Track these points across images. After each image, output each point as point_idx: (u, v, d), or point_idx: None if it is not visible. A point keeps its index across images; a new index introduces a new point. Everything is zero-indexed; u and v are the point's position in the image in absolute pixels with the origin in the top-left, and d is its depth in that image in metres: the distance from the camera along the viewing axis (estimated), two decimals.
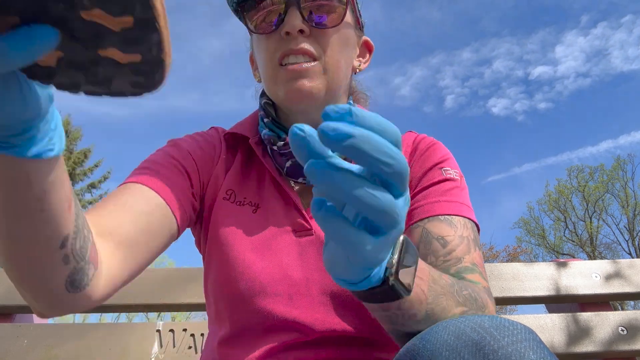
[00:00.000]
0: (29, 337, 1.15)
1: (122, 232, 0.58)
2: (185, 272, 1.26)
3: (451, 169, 0.74)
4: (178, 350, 1.16)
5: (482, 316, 0.43)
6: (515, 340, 0.39)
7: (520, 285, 1.26)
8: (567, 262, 1.32)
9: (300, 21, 0.67)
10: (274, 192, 0.75)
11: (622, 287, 1.26)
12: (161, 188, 0.65)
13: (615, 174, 20.64)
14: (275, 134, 0.74)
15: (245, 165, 0.79)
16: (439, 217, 0.67)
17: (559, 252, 20.82)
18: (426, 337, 0.43)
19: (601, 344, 1.16)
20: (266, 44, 0.70)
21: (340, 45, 0.72)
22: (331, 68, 0.70)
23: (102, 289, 0.54)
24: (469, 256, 0.63)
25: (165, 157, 0.71)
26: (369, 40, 0.84)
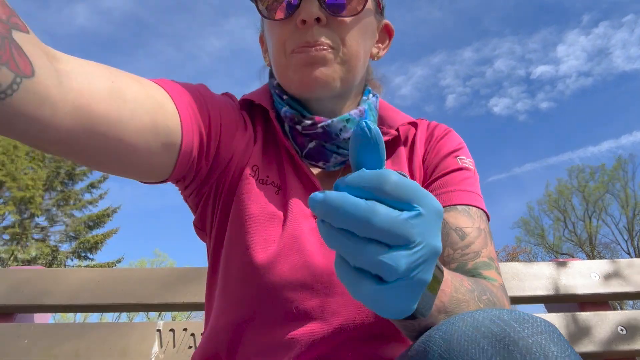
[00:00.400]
0: (29, 337, 1.15)
1: (91, 88, 0.45)
2: (185, 271, 1.26)
3: (466, 158, 0.73)
4: (178, 350, 1.16)
5: (501, 309, 0.42)
6: (535, 332, 0.38)
7: (520, 284, 1.26)
8: (567, 261, 1.32)
9: (318, 8, 0.62)
10: (293, 174, 0.70)
11: (621, 286, 1.26)
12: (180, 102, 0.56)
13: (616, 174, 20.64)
14: (297, 112, 0.69)
15: (265, 138, 0.73)
16: (456, 207, 0.66)
17: (558, 252, 20.82)
18: (442, 328, 0.42)
19: (600, 344, 1.17)
20: (280, 32, 0.65)
21: (360, 34, 0.67)
22: (349, 60, 0.66)
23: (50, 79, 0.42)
24: (485, 250, 0.63)
25: (193, 89, 0.62)
26: (389, 24, 0.78)
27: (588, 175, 21.24)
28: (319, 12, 0.62)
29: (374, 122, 0.72)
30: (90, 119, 0.45)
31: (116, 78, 0.49)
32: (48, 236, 16.50)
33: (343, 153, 0.69)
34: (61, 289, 1.21)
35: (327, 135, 0.67)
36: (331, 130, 0.67)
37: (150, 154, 0.53)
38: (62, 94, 0.43)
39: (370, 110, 0.72)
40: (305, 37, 0.63)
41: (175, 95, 0.56)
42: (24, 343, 1.14)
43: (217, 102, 0.65)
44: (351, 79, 0.68)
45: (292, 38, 0.64)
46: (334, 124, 0.67)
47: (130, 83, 0.51)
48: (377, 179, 0.32)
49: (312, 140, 0.69)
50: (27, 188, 15.78)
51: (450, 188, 0.68)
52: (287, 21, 0.65)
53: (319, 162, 0.70)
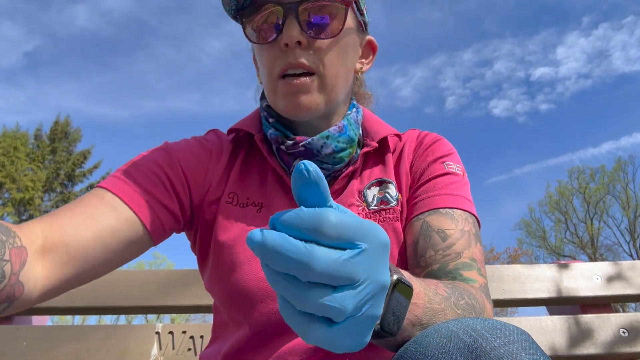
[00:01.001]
0: (27, 339, 1.15)
1: (79, 246, 0.59)
2: (184, 274, 1.25)
3: (453, 164, 0.75)
4: (177, 353, 1.16)
5: (475, 318, 0.43)
6: (507, 341, 0.39)
7: (521, 287, 1.26)
8: (568, 264, 1.32)
9: (298, 32, 0.66)
10: (279, 189, 0.74)
11: (624, 289, 1.26)
12: (134, 200, 0.65)
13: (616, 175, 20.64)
14: (281, 133, 0.73)
15: (246, 164, 0.77)
16: (439, 211, 0.67)
17: (559, 254, 20.82)
18: (419, 341, 0.43)
19: (602, 346, 1.16)
20: (266, 55, 0.69)
21: (340, 54, 0.70)
22: (329, 82, 0.69)
23: (37, 293, 0.56)
24: (468, 251, 0.64)
25: (149, 163, 0.70)
26: (372, 40, 0.82)
27: (588, 176, 21.26)
28: (300, 36, 0.66)
29: (355, 135, 0.75)
30: (83, 269, 0.61)
31: (91, 223, 0.61)
32: None
33: (327, 167, 0.73)
34: None
35: (309, 152, 0.71)
36: (312, 148, 0.70)
37: (129, 259, 0.66)
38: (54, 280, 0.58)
39: (349, 125, 0.75)
40: (288, 58, 0.67)
41: (133, 202, 0.65)
42: (22, 345, 1.14)
43: (175, 161, 0.72)
44: (333, 99, 0.72)
45: (277, 61, 0.68)
46: (314, 142, 0.70)
47: (102, 218, 0.62)
48: (314, 220, 0.31)
49: (296, 158, 0.72)
50: (27, 189, 15.79)
51: (435, 192, 0.70)
52: (273, 44, 0.68)
53: None
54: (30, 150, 17.11)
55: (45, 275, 0.56)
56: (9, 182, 15.65)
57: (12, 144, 16.28)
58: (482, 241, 0.69)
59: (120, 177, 0.67)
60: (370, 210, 0.72)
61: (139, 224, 0.64)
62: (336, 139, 0.71)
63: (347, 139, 0.72)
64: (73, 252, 0.58)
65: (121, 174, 0.67)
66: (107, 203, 0.63)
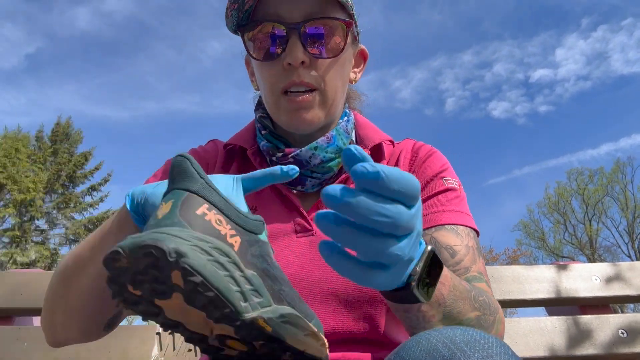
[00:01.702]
0: (28, 340, 1.15)
1: None
2: None
3: (451, 179, 0.77)
4: (178, 353, 1.16)
5: (455, 329, 0.43)
6: (486, 355, 0.39)
7: (521, 287, 1.26)
8: (567, 264, 1.32)
9: (302, 52, 0.68)
10: (273, 196, 0.76)
11: (622, 289, 1.26)
12: None
13: (614, 176, 20.65)
14: (273, 145, 0.76)
15: (241, 172, 0.79)
16: (445, 227, 0.70)
17: (558, 255, 20.81)
18: (400, 353, 0.44)
19: (601, 347, 1.16)
20: (268, 72, 0.72)
21: (339, 70, 0.74)
22: (330, 97, 0.73)
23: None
24: (475, 266, 0.68)
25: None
26: (364, 49, 0.84)
27: (587, 178, 21.27)
28: (304, 57, 0.68)
29: (344, 144, 0.77)
30: None
31: None
32: (48, 239, 16.50)
33: (317, 176, 0.75)
34: None
35: (299, 163, 0.73)
36: (301, 159, 0.73)
37: None
38: None
39: (338, 135, 0.77)
40: (292, 77, 0.69)
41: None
42: (23, 346, 1.14)
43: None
44: (333, 112, 0.75)
45: (279, 78, 0.70)
46: (303, 154, 0.73)
47: None
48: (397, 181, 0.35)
49: None
50: (28, 191, 15.79)
51: (438, 209, 0.73)
52: (275, 62, 0.70)
53: (297, 186, 0.76)
54: (32, 152, 17.10)
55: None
56: (10, 184, 15.65)
57: (13, 146, 16.28)
58: (483, 254, 0.73)
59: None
60: None
61: None
62: (324, 149, 0.74)
63: (336, 149, 0.75)
64: None
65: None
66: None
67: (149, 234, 0.38)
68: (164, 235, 0.37)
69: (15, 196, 15.60)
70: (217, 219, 0.43)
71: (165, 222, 0.41)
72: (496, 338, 0.42)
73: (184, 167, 0.45)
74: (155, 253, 0.36)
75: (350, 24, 0.72)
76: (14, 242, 15.61)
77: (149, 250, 0.36)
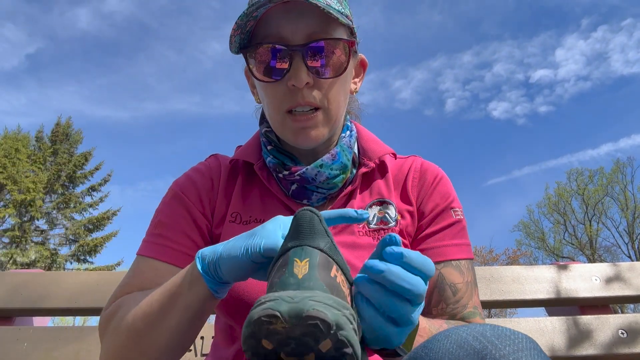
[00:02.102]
0: (28, 340, 1.15)
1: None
2: None
3: (458, 209, 0.82)
4: None
5: (485, 325, 0.44)
6: (516, 349, 0.39)
7: (521, 288, 1.26)
8: (567, 265, 1.32)
9: (306, 74, 0.69)
10: (281, 209, 0.78)
11: (622, 290, 1.26)
12: (179, 259, 0.73)
13: (614, 177, 20.65)
14: (279, 161, 0.78)
15: (247, 185, 0.81)
16: (451, 263, 0.77)
17: (558, 255, 20.81)
18: (429, 346, 0.44)
19: (601, 347, 1.16)
20: (273, 92, 0.73)
21: (342, 87, 0.75)
22: (333, 115, 0.74)
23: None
24: (471, 301, 0.75)
25: (174, 218, 0.77)
26: (363, 59, 0.85)
27: (587, 178, 21.26)
28: (308, 78, 0.69)
29: (348, 160, 0.79)
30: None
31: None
32: (48, 239, 16.49)
33: (322, 191, 0.77)
34: (60, 292, 1.21)
35: (305, 180, 0.76)
36: (307, 176, 0.75)
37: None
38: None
39: (342, 151, 0.79)
40: (296, 98, 0.71)
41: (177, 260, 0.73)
42: (23, 346, 1.14)
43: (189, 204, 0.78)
44: (335, 127, 0.77)
45: (284, 98, 0.72)
46: (309, 172, 0.75)
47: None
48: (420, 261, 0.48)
49: (293, 183, 0.77)
50: (28, 191, 15.78)
51: (446, 242, 0.78)
52: (279, 83, 0.71)
53: (303, 199, 0.78)
54: (32, 152, 17.09)
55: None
56: (10, 184, 15.64)
57: (13, 146, 16.27)
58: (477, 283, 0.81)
59: (158, 242, 0.74)
60: (370, 228, 0.77)
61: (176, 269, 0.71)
62: (329, 166, 0.76)
63: (340, 165, 0.77)
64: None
65: (156, 240, 0.75)
66: (162, 270, 0.71)
67: (304, 300, 0.40)
68: (323, 305, 0.40)
69: (15, 196, 15.59)
70: (342, 279, 0.47)
71: (308, 284, 0.43)
72: (524, 334, 0.42)
73: (314, 223, 0.48)
74: (321, 325, 0.38)
75: (352, 43, 0.73)
76: (14, 242, 15.60)
77: (314, 322, 0.38)
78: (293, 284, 0.43)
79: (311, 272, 0.44)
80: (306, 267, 0.44)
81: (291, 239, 0.47)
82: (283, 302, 0.39)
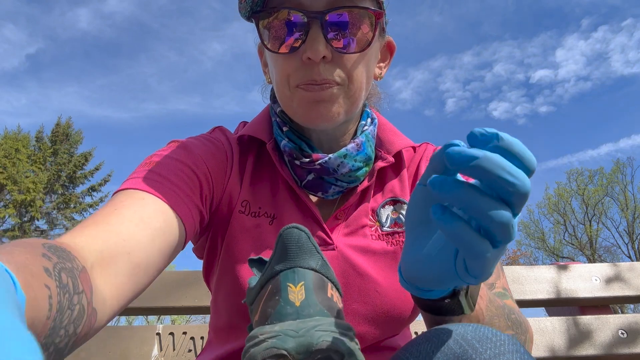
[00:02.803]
0: None
1: (141, 253, 0.52)
2: (185, 275, 1.25)
3: None
4: (178, 354, 1.16)
5: (466, 326, 0.42)
6: (497, 352, 0.38)
7: (521, 288, 1.26)
8: (567, 265, 1.32)
9: (324, 46, 0.59)
10: (291, 202, 0.70)
11: (622, 290, 1.26)
12: (175, 201, 0.59)
13: (614, 177, 20.63)
14: (296, 146, 0.68)
15: (257, 171, 0.72)
16: None
17: (558, 255, 20.80)
18: (410, 349, 0.43)
19: (601, 347, 1.16)
20: (283, 64, 0.63)
21: (365, 67, 0.65)
22: (355, 94, 0.64)
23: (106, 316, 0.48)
24: (499, 282, 0.66)
25: (175, 164, 0.63)
26: (391, 41, 0.75)
27: (587, 178, 21.24)
28: (326, 51, 0.60)
29: (372, 151, 0.71)
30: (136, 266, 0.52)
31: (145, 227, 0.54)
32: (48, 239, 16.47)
33: (341, 185, 0.69)
34: None
35: (325, 170, 0.67)
36: (329, 167, 0.66)
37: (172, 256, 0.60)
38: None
39: (367, 141, 0.70)
40: (311, 74, 0.61)
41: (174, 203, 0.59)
42: None
43: (200, 160, 0.66)
44: (355, 109, 0.67)
45: (296, 73, 0.62)
46: (331, 161, 0.66)
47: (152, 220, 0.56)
48: (524, 152, 0.34)
49: (310, 173, 0.68)
50: (28, 191, 15.77)
51: None
52: (293, 55, 0.62)
53: (318, 192, 0.70)
54: (32, 152, 17.09)
55: (111, 292, 0.48)
56: (10, 184, 15.63)
57: (13, 146, 16.26)
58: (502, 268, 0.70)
59: (154, 177, 0.60)
60: (383, 231, 0.69)
61: (182, 226, 0.59)
62: (353, 157, 0.67)
63: (365, 157, 0.69)
64: (136, 260, 0.51)
65: (152, 175, 0.61)
66: (151, 204, 0.56)
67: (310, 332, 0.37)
68: (330, 335, 0.37)
69: (15, 196, 15.59)
70: (337, 296, 0.44)
71: (307, 311, 0.39)
72: (508, 335, 0.41)
73: (302, 241, 0.43)
74: (333, 356, 0.36)
75: (380, 15, 0.63)
76: None
77: (326, 355, 0.36)
78: (291, 313, 0.39)
79: (309, 298, 0.40)
80: (302, 292, 0.40)
81: (279, 261, 0.42)
82: (287, 337, 0.36)
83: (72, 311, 0.38)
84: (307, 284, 0.41)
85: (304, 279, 0.41)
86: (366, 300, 0.65)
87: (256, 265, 0.52)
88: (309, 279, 0.41)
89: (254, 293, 0.45)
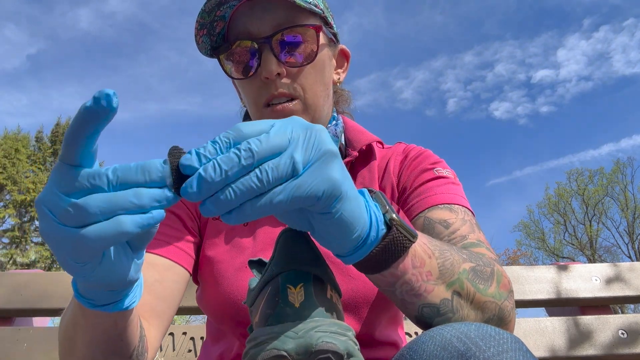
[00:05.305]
0: (28, 341, 1.15)
1: (166, 310, 0.67)
2: None
3: (443, 169, 0.76)
4: (178, 354, 1.16)
5: (469, 324, 0.43)
6: (500, 350, 0.39)
7: (521, 288, 1.26)
8: (567, 265, 1.32)
9: (276, 65, 0.69)
10: None
11: (623, 290, 1.26)
12: (163, 248, 0.70)
13: (614, 177, 20.65)
14: None
15: None
16: (438, 206, 0.69)
17: (558, 256, 20.81)
18: (413, 348, 0.43)
19: (601, 348, 1.16)
20: (248, 88, 0.73)
21: (317, 75, 0.73)
22: (312, 103, 0.72)
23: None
24: (473, 234, 0.64)
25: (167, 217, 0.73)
26: (344, 49, 0.84)
27: (587, 178, 21.25)
28: (279, 68, 0.69)
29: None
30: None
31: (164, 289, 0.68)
32: None
33: None
34: (60, 293, 1.21)
35: None
36: None
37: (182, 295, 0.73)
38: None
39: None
40: (270, 89, 0.70)
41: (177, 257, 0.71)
42: (23, 347, 1.14)
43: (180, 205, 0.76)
44: (317, 117, 0.74)
45: (259, 92, 0.71)
46: None
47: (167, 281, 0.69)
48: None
49: None
50: (28, 191, 15.78)
51: (430, 193, 0.71)
52: (253, 78, 0.71)
53: None
54: (32, 152, 17.09)
55: (152, 341, 0.64)
56: (10, 184, 15.64)
57: (13, 146, 16.27)
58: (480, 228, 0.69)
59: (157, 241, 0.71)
60: None
61: (176, 266, 0.70)
62: None
63: None
64: (166, 317, 0.68)
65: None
66: (161, 265, 0.69)
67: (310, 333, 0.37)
68: (329, 335, 0.37)
69: (15, 197, 15.60)
70: (336, 297, 0.44)
71: (307, 312, 0.40)
72: (511, 334, 0.42)
73: (301, 242, 0.43)
74: (332, 357, 0.37)
75: (319, 28, 0.71)
76: (14, 242, 15.60)
77: (325, 355, 0.36)
78: (290, 314, 0.40)
79: (309, 299, 0.40)
80: (302, 293, 0.41)
81: (278, 262, 0.43)
82: (287, 338, 0.37)
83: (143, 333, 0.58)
84: (307, 285, 0.41)
85: (304, 281, 0.41)
86: (349, 286, 0.67)
87: (256, 267, 0.52)
88: (309, 281, 0.41)
89: (253, 295, 0.45)
